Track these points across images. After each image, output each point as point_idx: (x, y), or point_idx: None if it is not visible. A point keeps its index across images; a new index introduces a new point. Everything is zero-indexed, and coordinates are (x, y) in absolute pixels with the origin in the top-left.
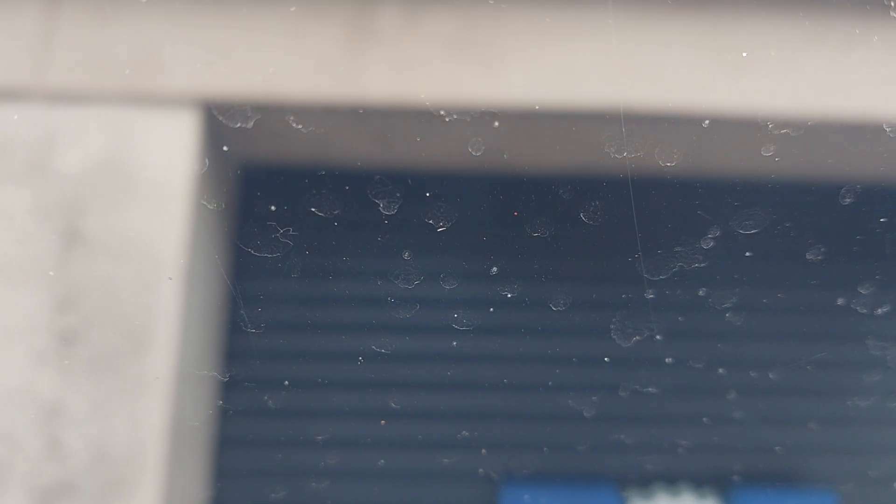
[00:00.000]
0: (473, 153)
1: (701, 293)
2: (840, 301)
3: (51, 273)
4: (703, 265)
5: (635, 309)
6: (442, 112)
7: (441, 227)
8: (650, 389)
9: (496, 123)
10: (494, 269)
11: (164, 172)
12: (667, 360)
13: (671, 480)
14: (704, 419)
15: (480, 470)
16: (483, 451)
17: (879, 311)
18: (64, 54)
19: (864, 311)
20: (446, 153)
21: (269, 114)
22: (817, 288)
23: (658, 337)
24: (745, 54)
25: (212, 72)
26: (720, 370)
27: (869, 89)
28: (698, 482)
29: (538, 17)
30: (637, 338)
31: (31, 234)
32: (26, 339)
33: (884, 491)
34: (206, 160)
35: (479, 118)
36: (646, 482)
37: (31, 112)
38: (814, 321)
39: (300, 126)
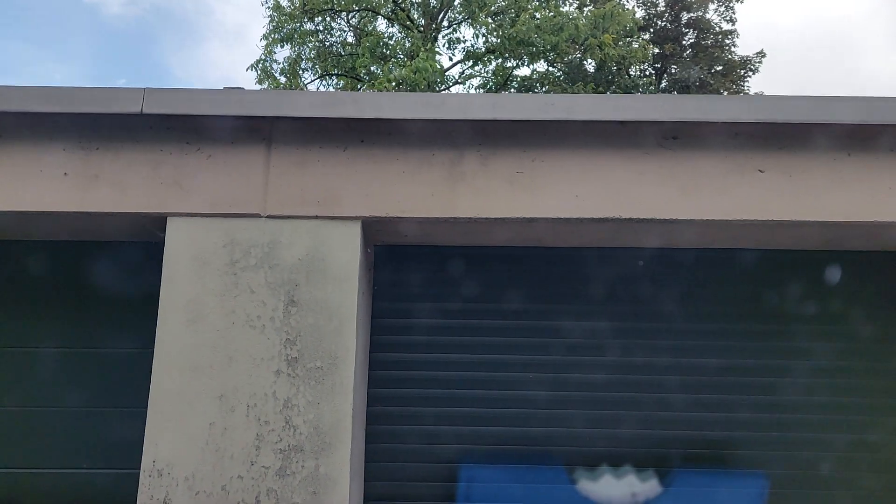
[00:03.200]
0: (521, 242)
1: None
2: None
3: (278, 322)
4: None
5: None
6: (501, 218)
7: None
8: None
9: (535, 224)
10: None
11: (343, 261)
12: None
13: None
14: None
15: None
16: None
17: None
18: (278, 189)
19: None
20: (505, 241)
21: (400, 222)
22: None
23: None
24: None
25: (367, 200)
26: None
27: None
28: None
29: (561, 164)
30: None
31: (266, 300)
32: (270, 362)
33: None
34: (369, 250)
35: (524, 222)
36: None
37: (262, 226)
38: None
39: (416, 228)
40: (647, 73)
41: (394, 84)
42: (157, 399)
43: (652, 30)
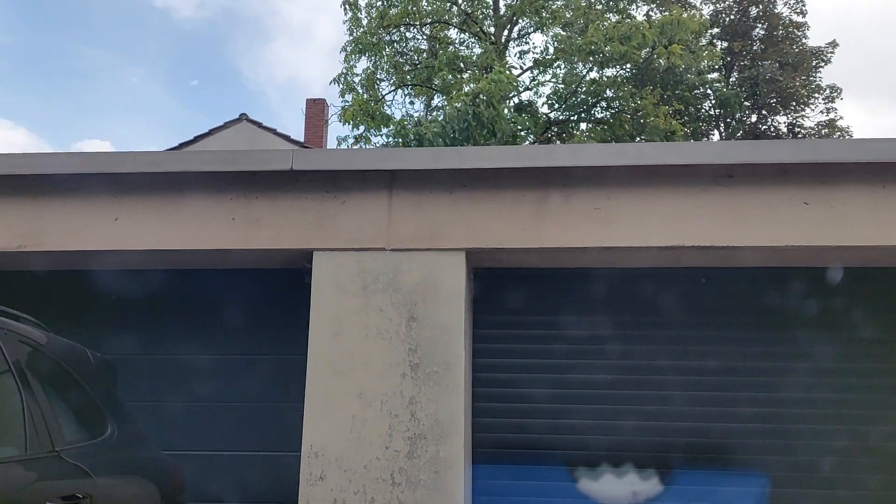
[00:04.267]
0: (600, 264)
1: None
2: None
3: (402, 334)
4: None
5: None
6: (581, 247)
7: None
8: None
9: (610, 251)
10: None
11: (451, 285)
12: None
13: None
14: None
15: None
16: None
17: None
18: (398, 227)
19: None
20: (586, 264)
21: (497, 252)
22: None
23: None
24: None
25: (469, 234)
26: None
27: None
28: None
29: (631, 200)
30: None
31: (392, 317)
32: (397, 367)
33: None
34: (471, 274)
35: (601, 250)
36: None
37: (387, 257)
38: None
39: (511, 256)
40: (717, 66)
41: (470, 97)
42: (312, 397)
43: (720, 25)
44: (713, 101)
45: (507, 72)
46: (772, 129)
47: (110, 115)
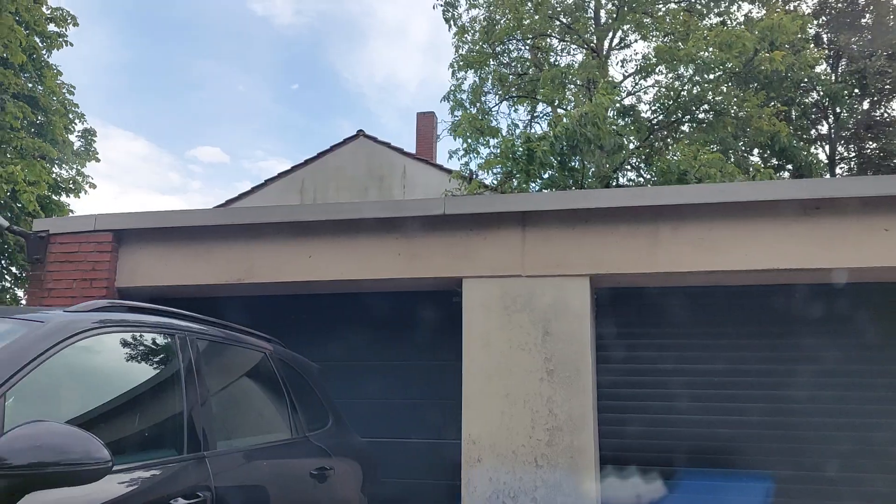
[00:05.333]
0: (705, 283)
1: None
2: None
3: (538, 346)
4: None
5: None
6: (689, 272)
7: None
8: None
9: (714, 274)
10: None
11: (578, 305)
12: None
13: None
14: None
15: None
16: None
17: None
18: (531, 257)
19: None
20: (693, 283)
21: (616, 276)
22: None
23: None
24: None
25: (591, 262)
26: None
27: None
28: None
29: (732, 230)
30: None
31: (530, 332)
32: (535, 373)
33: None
34: (594, 295)
35: (706, 273)
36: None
37: (523, 282)
38: None
39: (627, 279)
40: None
41: (576, 119)
42: (468, 396)
43: (826, 15)
44: (820, 94)
45: (610, 89)
46: (885, 116)
47: (219, 123)
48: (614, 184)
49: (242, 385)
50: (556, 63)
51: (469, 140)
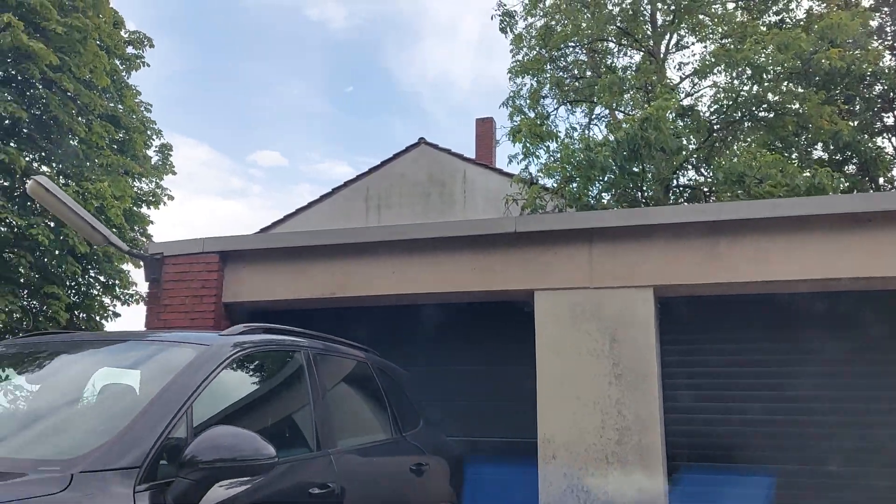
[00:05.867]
0: (760, 291)
1: None
2: None
3: (606, 352)
4: None
5: None
6: (745, 282)
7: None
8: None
9: (770, 283)
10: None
11: (643, 314)
12: None
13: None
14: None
15: None
16: None
17: None
18: (598, 270)
19: None
20: (749, 291)
21: (677, 287)
22: None
23: None
24: None
25: (655, 274)
26: None
27: None
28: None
29: (787, 242)
30: None
31: (597, 340)
32: (604, 377)
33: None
34: (657, 304)
35: (762, 283)
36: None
37: (590, 294)
38: None
39: (688, 289)
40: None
41: (637, 124)
42: (542, 399)
43: (889, 6)
44: (884, 87)
45: (669, 93)
46: None
47: (277, 127)
48: (674, 184)
49: (351, 391)
50: (613, 65)
51: (528, 145)
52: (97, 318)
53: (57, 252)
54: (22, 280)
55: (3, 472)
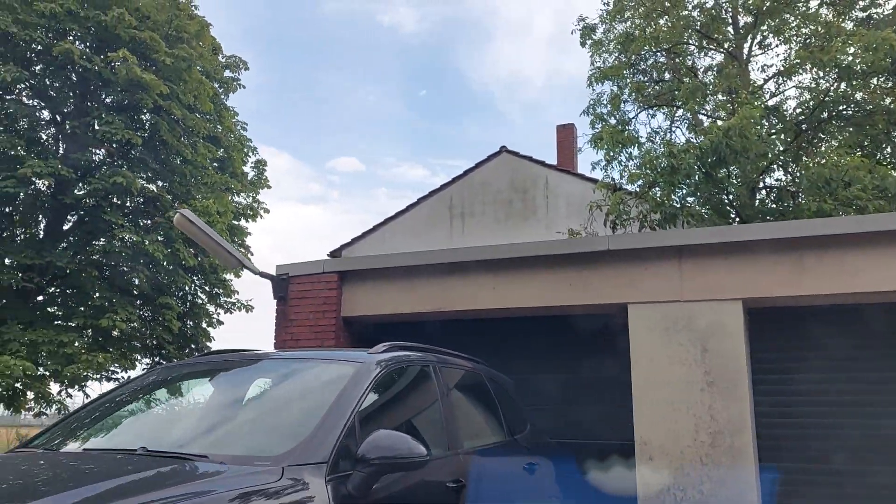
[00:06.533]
0: (844, 302)
1: None
2: None
3: (698, 361)
4: None
5: None
6: (832, 293)
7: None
8: None
9: (856, 295)
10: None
11: (733, 325)
12: None
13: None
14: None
15: None
16: None
17: None
18: (688, 284)
19: None
20: (835, 302)
21: (765, 299)
22: None
23: None
24: None
25: (743, 287)
26: None
27: None
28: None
29: (874, 256)
30: None
31: (689, 350)
32: (696, 384)
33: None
34: (747, 315)
35: (848, 295)
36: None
37: (681, 307)
38: None
39: (775, 301)
40: None
41: (722, 133)
42: (637, 405)
43: None
44: None
45: (754, 99)
46: None
47: (353, 133)
48: (761, 186)
49: (469, 398)
50: (694, 66)
51: (611, 152)
52: (204, 325)
53: (170, 266)
54: (135, 292)
55: (234, 465)
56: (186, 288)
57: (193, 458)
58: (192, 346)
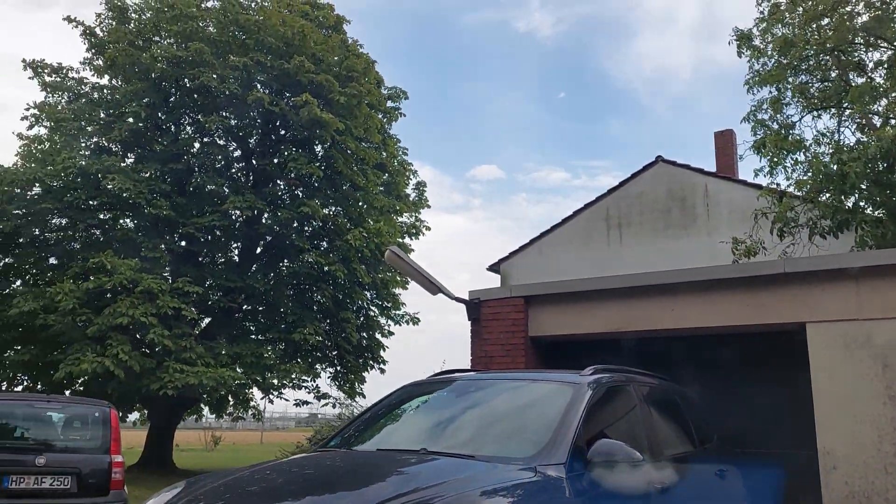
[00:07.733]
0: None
1: None
2: None
3: (878, 376)
4: None
5: None
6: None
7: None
8: None
9: None
10: None
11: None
12: None
13: None
14: None
15: None
16: None
17: None
18: (867, 303)
19: None
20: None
21: None
22: None
23: None
24: None
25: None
26: None
27: None
28: None
29: None
30: None
31: (870, 365)
32: (877, 398)
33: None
34: None
35: None
36: None
37: (860, 325)
38: None
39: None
40: None
41: (892, 138)
42: (820, 418)
43: None
44: None
45: None
46: None
47: (493, 141)
48: None
49: (662, 412)
50: (862, 62)
51: (775, 158)
52: (378, 335)
53: (347, 284)
54: (315, 308)
55: (499, 463)
56: (360, 302)
57: (465, 457)
58: (368, 355)
